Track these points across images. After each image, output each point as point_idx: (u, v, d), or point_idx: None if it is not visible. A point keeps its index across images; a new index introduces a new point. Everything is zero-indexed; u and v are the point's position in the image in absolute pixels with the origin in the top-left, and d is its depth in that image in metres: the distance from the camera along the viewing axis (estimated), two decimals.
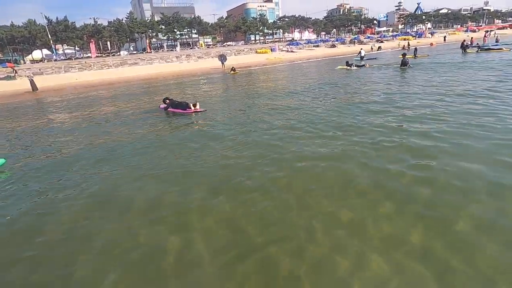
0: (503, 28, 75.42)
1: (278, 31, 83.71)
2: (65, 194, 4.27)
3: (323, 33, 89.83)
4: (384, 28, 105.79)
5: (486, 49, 23.12)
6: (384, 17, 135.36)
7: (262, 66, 31.70)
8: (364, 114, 7.07)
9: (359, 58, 25.67)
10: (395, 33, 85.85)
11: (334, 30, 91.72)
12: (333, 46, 57.89)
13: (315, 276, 2.42)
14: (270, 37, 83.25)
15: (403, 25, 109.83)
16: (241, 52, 49.42)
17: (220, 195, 3.84)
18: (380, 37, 72.03)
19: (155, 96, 14.01)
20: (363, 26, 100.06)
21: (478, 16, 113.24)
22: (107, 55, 48.67)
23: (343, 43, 63.58)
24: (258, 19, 74.86)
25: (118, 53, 51.73)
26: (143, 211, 3.67)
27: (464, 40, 25.91)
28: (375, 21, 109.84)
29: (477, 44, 27.46)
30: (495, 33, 48.08)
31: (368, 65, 19.60)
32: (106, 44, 59.70)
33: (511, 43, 28.09)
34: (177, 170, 4.76)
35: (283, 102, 9.74)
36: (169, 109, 9.94)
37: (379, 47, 45.44)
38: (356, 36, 73.73)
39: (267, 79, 17.98)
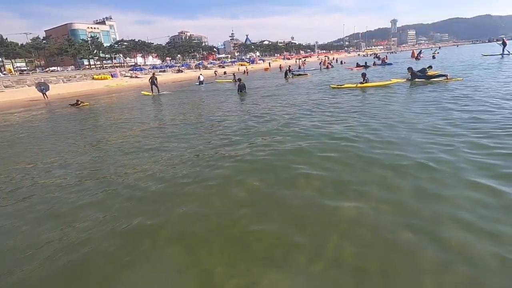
0: (305, 57, 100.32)
1: (118, 55, 77.05)
2: None
3: (168, 58, 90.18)
4: (224, 55, 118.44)
5: (297, 75, 28.81)
6: (222, 45, 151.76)
7: (109, 94, 27.44)
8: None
9: (198, 83, 28.11)
10: (233, 59, 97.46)
11: (179, 55, 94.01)
12: (180, 71, 58.71)
13: None
14: (109, 61, 75.38)
15: (238, 53, 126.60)
16: (72, 79, 41.50)
17: None
18: (221, 63, 79.57)
19: None
20: (205, 53, 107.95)
21: (290, 47, 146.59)
22: None
23: (189, 68, 65.77)
24: (90, 41, 66.07)
25: None
26: None
27: (289, 66, 31.94)
28: (215, 49, 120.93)
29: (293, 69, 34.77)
30: (305, 60, 62.59)
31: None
32: None
33: (313, 69, 37.21)
34: None
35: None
36: None
37: (225, 72, 49.06)
38: (200, 62, 78.27)
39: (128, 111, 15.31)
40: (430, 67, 15.41)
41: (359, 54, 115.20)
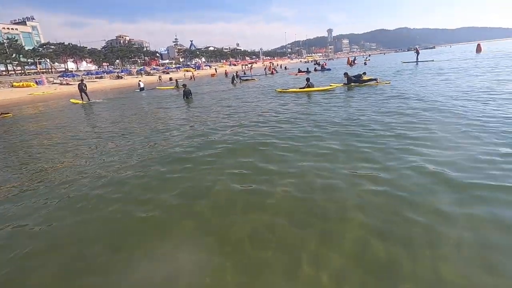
0: (251, 63, 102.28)
1: (44, 60, 68.58)
2: None
3: (106, 64, 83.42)
4: (167, 61, 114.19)
5: (245, 80, 29.42)
6: (165, 50, 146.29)
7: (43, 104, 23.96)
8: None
9: (139, 90, 27.13)
10: (178, 65, 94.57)
11: (118, 61, 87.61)
12: (119, 77, 54.72)
13: None
14: (33, 67, 66.55)
15: (183, 59, 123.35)
16: None
17: None
18: (165, 68, 76.52)
19: None
20: (147, 58, 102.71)
21: (235, 53, 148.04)
22: None
23: (130, 74, 61.75)
24: (7, 44, 57.46)
25: None
26: None
27: (237, 72, 32.43)
28: (157, 54, 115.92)
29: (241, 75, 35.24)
30: (252, 66, 63.76)
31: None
32: None
33: (259, 74, 38.17)
34: None
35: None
36: None
37: (170, 78, 46.15)
38: (142, 67, 74.11)
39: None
40: (365, 73, 16.93)
41: (301, 61, 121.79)
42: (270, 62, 72.68)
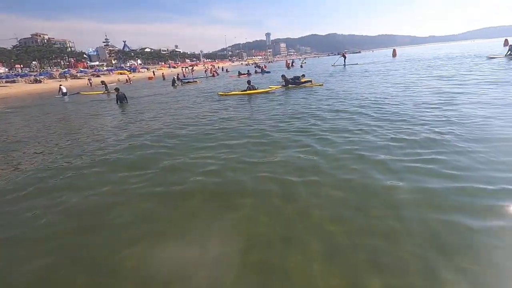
0: (192, 65, 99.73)
1: None
2: None
3: (19, 65, 72.28)
4: (97, 63, 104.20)
5: (186, 82, 28.63)
6: (94, 51, 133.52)
7: None
8: None
9: (61, 95, 24.91)
10: (110, 67, 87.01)
11: (35, 62, 76.67)
12: (38, 81, 47.91)
13: None
14: None
15: (116, 60, 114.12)
16: None
17: None
18: (95, 71, 69.73)
19: None
20: (72, 60, 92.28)
21: (174, 55, 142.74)
22: None
23: (52, 77, 54.55)
24: None
25: None
26: None
27: (178, 74, 31.19)
28: (85, 55, 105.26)
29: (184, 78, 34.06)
30: (193, 69, 61.71)
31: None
32: None
33: (203, 76, 37.46)
34: None
35: None
36: None
37: (102, 82, 40.91)
38: (66, 70, 66.23)
39: None
40: (303, 75, 17.90)
41: (242, 63, 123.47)
42: (211, 65, 72.01)
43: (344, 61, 34.48)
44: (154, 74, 56.08)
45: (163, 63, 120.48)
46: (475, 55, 26.91)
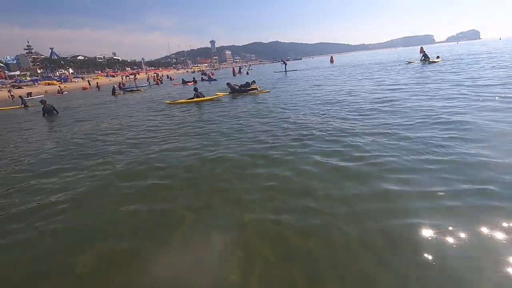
0: (133, 73, 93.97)
1: None
2: None
3: None
4: (19, 72, 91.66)
5: (129, 91, 26.97)
6: (13, 60, 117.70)
7: None
8: None
9: None
10: (35, 77, 77.26)
11: None
12: None
13: None
14: None
15: (42, 69, 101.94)
16: None
17: None
18: (16, 82, 61.26)
19: None
20: None
21: (112, 63, 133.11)
22: None
23: None
24: None
25: None
26: None
27: (120, 83, 29.27)
28: (1, 64, 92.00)
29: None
30: (135, 77, 58.07)
31: None
32: None
33: (146, 85, 35.65)
34: None
35: None
36: None
37: (29, 94, 34.30)
38: None
39: None
40: (254, 82, 18.09)
41: (187, 71, 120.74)
42: (154, 73, 68.94)
43: (285, 68, 36.26)
44: (90, 84, 51.47)
45: (99, 72, 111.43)
46: (398, 61, 30.71)
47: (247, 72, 43.11)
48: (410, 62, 24.85)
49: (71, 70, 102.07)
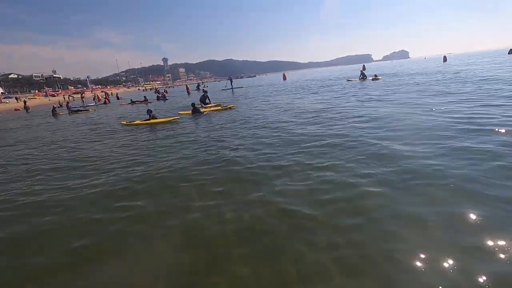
0: (77, 92, 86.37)
1: None
2: None
3: None
4: None
5: (76, 111, 24.60)
6: None
7: None
8: None
9: None
10: None
11: None
12: None
13: None
14: None
15: None
16: None
17: None
18: None
19: None
20: None
21: (52, 82, 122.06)
22: None
23: None
24: None
25: None
26: None
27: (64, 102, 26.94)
28: None
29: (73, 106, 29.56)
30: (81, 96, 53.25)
31: None
32: None
33: (93, 104, 33.40)
34: None
35: None
36: None
37: None
38: None
39: None
40: (210, 102, 17.91)
41: (138, 89, 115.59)
42: (102, 91, 64.90)
43: (231, 85, 37.40)
44: (25, 104, 46.24)
45: (37, 91, 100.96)
46: (339, 78, 34.19)
47: (203, 89, 42.86)
48: (350, 80, 27.59)
49: (1, 90, 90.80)
